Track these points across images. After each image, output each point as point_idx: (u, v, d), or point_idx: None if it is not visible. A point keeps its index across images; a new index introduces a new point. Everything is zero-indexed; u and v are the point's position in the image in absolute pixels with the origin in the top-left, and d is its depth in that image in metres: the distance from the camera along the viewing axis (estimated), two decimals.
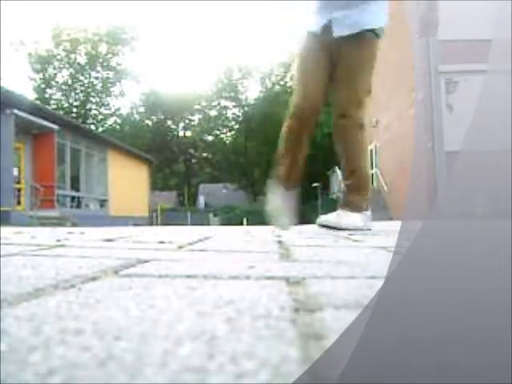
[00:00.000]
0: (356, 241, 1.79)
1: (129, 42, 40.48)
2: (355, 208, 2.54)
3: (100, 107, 41.46)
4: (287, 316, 0.49)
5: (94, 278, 0.76)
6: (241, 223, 20.85)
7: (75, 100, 40.01)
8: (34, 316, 0.48)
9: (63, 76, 39.92)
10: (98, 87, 40.62)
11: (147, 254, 1.21)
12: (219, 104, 42.48)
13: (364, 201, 2.59)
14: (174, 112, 42.03)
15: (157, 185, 39.26)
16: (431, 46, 12.37)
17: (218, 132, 43.76)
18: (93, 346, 0.38)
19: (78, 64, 39.53)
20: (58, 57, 39.20)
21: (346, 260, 1.06)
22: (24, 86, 39.15)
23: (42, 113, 14.76)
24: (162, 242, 1.61)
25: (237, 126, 42.66)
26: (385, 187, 16.66)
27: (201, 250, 1.32)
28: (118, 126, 42.12)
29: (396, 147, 15.13)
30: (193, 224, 22.51)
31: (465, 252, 1.44)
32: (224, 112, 42.90)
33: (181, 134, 44.41)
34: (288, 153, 2.60)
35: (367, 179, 2.68)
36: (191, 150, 44.05)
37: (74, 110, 39.55)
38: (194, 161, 45.12)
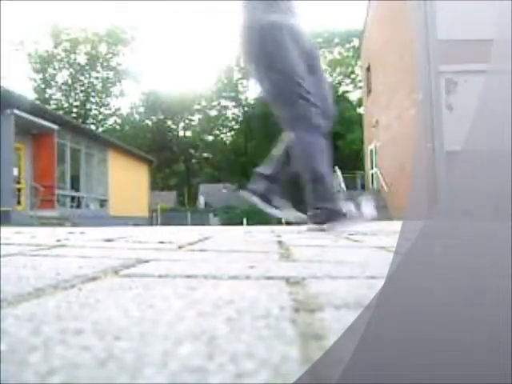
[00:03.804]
0: (356, 241, 1.79)
1: (129, 42, 40.48)
2: None
3: (100, 107, 41.44)
4: (287, 316, 0.49)
5: (93, 278, 0.76)
6: (241, 223, 20.83)
7: (75, 100, 39.99)
8: (33, 316, 0.48)
9: (63, 76, 39.90)
10: (98, 87, 40.60)
11: (147, 253, 1.21)
12: (219, 104, 42.45)
13: None
14: (174, 112, 41.99)
15: (157, 185, 39.26)
16: (431, 46, 12.37)
17: (218, 132, 43.72)
18: (93, 346, 0.38)
19: (78, 64, 39.51)
20: (58, 57, 39.18)
21: (346, 260, 1.06)
22: (24, 86, 39.13)
23: (41, 113, 14.74)
24: (162, 242, 1.61)
25: (237, 126, 42.62)
26: (385, 187, 16.65)
27: (201, 250, 1.32)
28: (118, 126, 42.11)
29: (396, 147, 15.13)
30: (193, 224, 22.50)
31: (465, 252, 1.44)
32: (224, 112, 42.87)
33: (181, 133, 44.38)
34: None
35: None
36: (191, 150, 44.01)
37: (74, 109, 39.53)
38: (194, 161, 45.08)
